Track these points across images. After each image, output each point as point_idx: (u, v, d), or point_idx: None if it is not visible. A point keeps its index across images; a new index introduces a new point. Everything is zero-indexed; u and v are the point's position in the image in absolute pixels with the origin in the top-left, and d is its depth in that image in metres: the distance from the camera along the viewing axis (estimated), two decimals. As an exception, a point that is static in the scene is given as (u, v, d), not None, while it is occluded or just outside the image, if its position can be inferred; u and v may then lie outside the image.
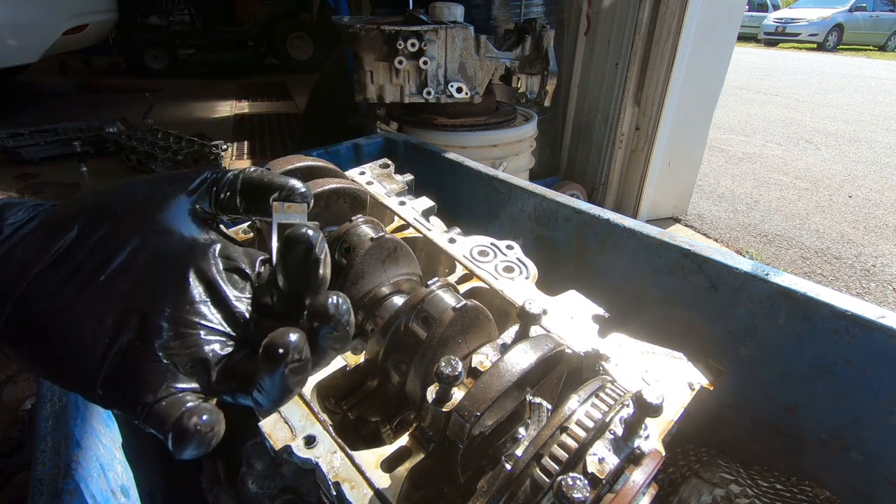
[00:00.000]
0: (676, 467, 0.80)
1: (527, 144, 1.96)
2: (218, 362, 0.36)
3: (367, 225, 0.73)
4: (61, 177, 3.32)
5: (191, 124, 4.38)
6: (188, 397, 0.34)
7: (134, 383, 0.34)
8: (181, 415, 0.31)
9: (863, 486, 0.72)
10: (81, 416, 0.51)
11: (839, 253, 2.80)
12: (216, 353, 0.36)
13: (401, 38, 1.52)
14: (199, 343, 0.36)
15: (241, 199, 0.41)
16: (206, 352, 0.36)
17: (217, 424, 0.32)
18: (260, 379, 0.33)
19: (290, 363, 0.32)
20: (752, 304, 0.77)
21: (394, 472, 0.51)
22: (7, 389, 1.45)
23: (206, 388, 0.36)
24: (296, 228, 0.37)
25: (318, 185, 0.75)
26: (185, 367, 0.35)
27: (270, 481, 0.63)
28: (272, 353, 0.32)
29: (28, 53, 4.17)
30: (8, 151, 3.44)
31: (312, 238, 0.37)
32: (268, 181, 0.41)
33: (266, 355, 0.32)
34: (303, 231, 0.37)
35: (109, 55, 7.02)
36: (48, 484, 0.43)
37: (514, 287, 0.71)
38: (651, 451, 0.45)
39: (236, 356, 0.37)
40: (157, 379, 0.34)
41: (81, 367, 0.34)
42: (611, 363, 0.58)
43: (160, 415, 0.33)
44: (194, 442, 0.31)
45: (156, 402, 0.33)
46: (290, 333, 0.32)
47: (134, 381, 0.34)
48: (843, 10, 12.71)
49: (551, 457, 0.42)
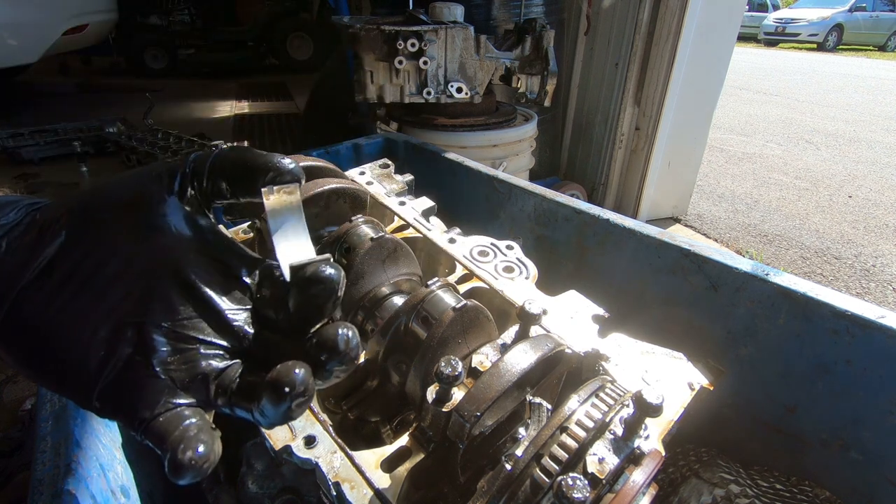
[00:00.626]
0: (676, 467, 0.80)
1: (527, 144, 1.96)
2: (216, 376, 0.35)
3: (367, 225, 0.73)
4: (61, 177, 3.32)
5: (191, 124, 4.38)
6: (186, 412, 0.34)
7: (131, 398, 0.34)
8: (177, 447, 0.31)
9: (863, 486, 0.72)
10: (81, 416, 0.51)
11: (839, 253, 2.80)
12: (214, 368, 0.36)
13: (401, 38, 1.52)
14: (198, 358, 0.35)
15: (225, 185, 0.38)
16: (204, 366, 0.35)
17: (212, 454, 0.32)
18: (263, 405, 0.33)
19: (294, 398, 0.32)
20: (752, 304, 0.77)
21: (394, 472, 0.51)
22: (7, 389, 1.45)
23: (204, 402, 0.35)
24: (317, 267, 0.36)
25: (318, 184, 0.75)
26: (182, 382, 0.35)
27: (270, 481, 0.63)
28: (278, 389, 0.32)
29: (28, 53, 4.17)
30: (8, 151, 3.44)
31: (334, 278, 0.36)
32: (251, 162, 0.38)
33: (272, 390, 0.32)
34: (325, 273, 0.36)
35: (109, 55, 7.02)
36: (48, 484, 0.43)
37: (514, 287, 0.71)
38: (651, 451, 0.45)
39: (235, 369, 0.36)
40: (154, 394, 0.34)
41: (77, 379, 0.34)
42: (611, 363, 0.58)
43: (158, 431, 0.32)
44: (190, 473, 0.31)
45: (153, 419, 0.33)
46: (297, 369, 0.32)
47: (131, 395, 0.34)
48: (843, 10, 12.71)
49: (551, 457, 0.42)
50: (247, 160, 0.38)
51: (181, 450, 0.31)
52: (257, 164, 0.38)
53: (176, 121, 4.41)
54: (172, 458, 0.31)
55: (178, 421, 0.33)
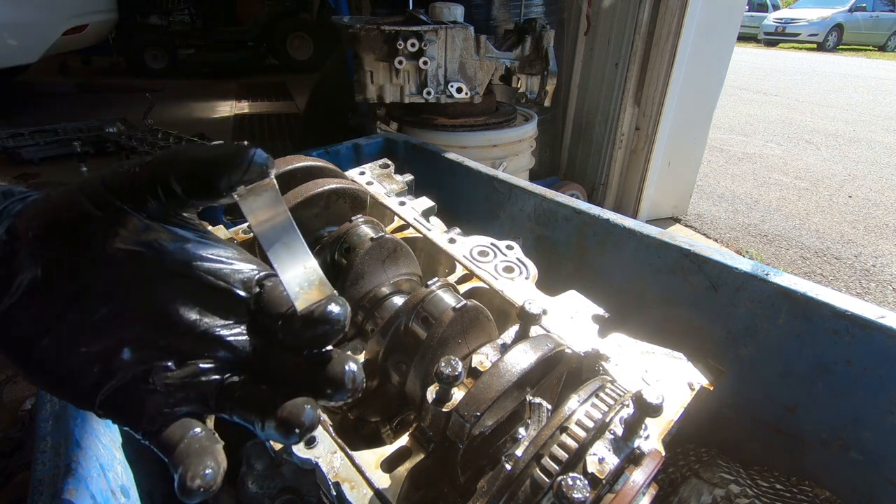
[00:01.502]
0: (676, 467, 0.80)
1: (527, 144, 1.96)
2: (217, 391, 0.36)
3: (366, 225, 0.73)
4: (61, 177, 3.31)
5: (191, 124, 4.38)
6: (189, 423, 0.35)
7: (132, 411, 0.34)
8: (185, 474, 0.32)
9: (863, 486, 0.72)
10: (81, 416, 0.51)
11: (839, 253, 2.80)
12: (214, 382, 0.36)
13: (401, 38, 1.52)
14: (197, 373, 0.35)
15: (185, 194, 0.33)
16: (204, 382, 0.36)
17: (218, 474, 0.33)
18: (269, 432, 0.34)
19: (303, 435, 0.33)
20: (752, 304, 0.77)
21: (394, 472, 0.51)
22: (7, 389, 1.45)
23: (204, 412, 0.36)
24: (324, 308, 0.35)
25: (318, 185, 0.75)
26: (183, 396, 0.35)
27: (270, 481, 0.63)
28: (289, 428, 0.32)
29: (28, 53, 4.17)
30: (8, 151, 3.44)
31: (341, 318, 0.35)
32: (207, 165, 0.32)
33: (283, 427, 0.33)
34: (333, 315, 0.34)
35: (109, 55, 7.02)
36: (48, 484, 0.43)
37: (514, 287, 0.71)
38: (651, 452, 0.45)
39: (235, 381, 0.36)
40: (154, 406, 0.34)
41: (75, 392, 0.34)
42: (611, 363, 0.58)
43: (164, 443, 0.33)
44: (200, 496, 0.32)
45: (158, 430, 0.34)
46: (306, 408, 0.33)
47: (132, 408, 0.34)
48: (843, 10, 12.71)
49: (551, 457, 0.42)
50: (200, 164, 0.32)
51: (189, 477, 0.31)
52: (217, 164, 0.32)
53: (176, 121, 4.41)
54: (182, 484, 0.31)
55: (183, 431, 0.34)
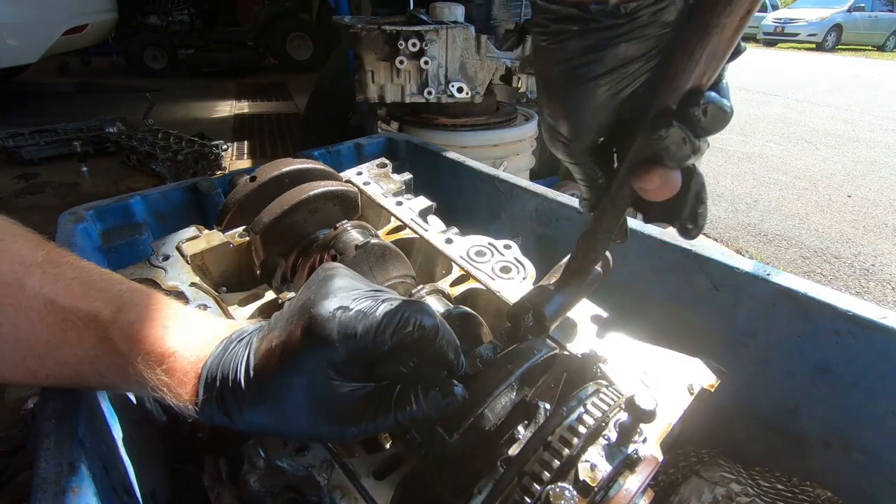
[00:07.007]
0: (677, 468, 0.80)
1: (527, 144, 1.96)
2: None
3: (355, 230, 0.73)
4: (61, 177, 3.32)
5: (191, 124, 4.38)
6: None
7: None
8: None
9: (865, 486, 0.72)
10: (83, 415, 0.51)
11: (838, 252, 2.80)
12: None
13: (402, 38, 1.52)
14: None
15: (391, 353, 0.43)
16: None
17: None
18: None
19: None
20: (754, 304, 0.77)
21: (387, 478, 0.50)
22: (9, 389, 1.45)
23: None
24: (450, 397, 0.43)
25: (303, 190, 0.75)
26: None
27: (273, 479, 0.63)
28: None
29: (28, 53, 4.17)
30: (8, 151, 3.44)
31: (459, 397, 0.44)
32: (437, 356, 0.45)
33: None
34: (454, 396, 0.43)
35: (109, 55, 7.02)
36: (51, 483, 0.43)
37: (512, 288, 0.71)
38: (647, 457, 0.45)
39: None
40: None
41: None
42: (609, 365, 0.58)
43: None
44: None
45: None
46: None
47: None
48: (842, 10, 12.71)
49: (542, 465, 0.41)
50: (425, 349, 0.44)
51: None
52: (443, 361, 0.46)
53: (176, 121, 4.41)
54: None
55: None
